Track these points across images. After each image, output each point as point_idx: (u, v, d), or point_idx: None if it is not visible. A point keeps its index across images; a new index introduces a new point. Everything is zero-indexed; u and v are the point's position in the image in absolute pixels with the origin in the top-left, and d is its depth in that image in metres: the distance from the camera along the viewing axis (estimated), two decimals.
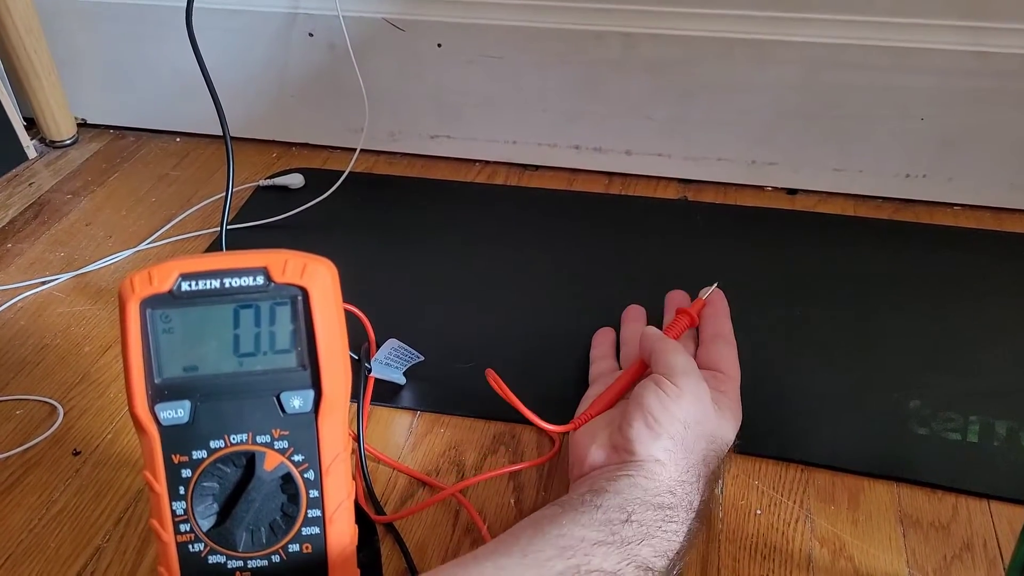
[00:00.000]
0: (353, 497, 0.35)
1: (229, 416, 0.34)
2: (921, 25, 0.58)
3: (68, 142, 0.81)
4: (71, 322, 0.61)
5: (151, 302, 0.33)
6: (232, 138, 0.80)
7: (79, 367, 0.57)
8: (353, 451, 0.49)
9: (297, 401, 0.34)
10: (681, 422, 0.41)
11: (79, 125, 0.83)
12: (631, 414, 0.42)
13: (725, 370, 0.47)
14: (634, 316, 0.56)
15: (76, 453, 0.51)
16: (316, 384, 0.34)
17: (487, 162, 0.76)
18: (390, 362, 0.53)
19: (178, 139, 0.82)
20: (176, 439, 0.34)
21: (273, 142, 0.80)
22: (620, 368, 0.52)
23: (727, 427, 0.44)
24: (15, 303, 0.62)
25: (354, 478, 0.42)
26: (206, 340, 0.33)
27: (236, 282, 0.33)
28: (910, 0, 0.58)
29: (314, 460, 0.34)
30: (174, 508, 0.34)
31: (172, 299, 0.33)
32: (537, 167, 0.74)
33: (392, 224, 0.69)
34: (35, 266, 0.66)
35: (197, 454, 0.34)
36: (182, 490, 0.34)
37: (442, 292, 0.62)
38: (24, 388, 0.55)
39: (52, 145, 0.81)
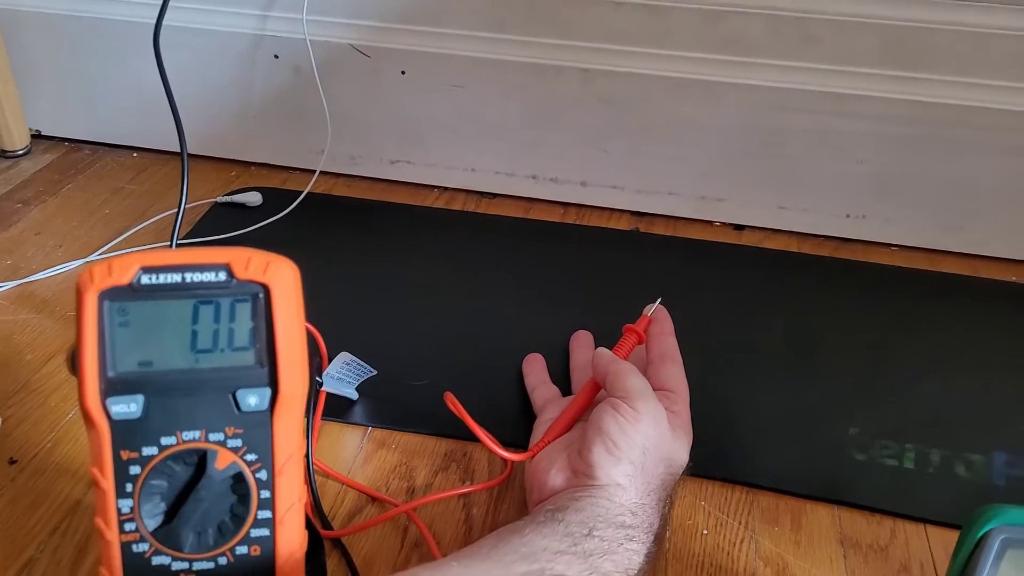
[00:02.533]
0: (304, 500, 0.35)
1: (182, 412, 0.33)
2: (861, 73, 0.62)
3: (21, 152, 0.80)
4: (14, 330, 0.59)
5: (109, 294, 0.33)
6: (191, 155, 0.80)
7: (20, 375, 0.56)
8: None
9: (253, 399, 0.34)
10: (640, 446, 0.42)
11: (33, 136, 0.81)
12: (590, 439, 0.42)
13: (675, 389, 0.48)
14: (583, 342, 0.58)
15: (12, 462, 0.50)
16: (273, 382, 0.34)
17: (446, 188, 0.77)
18: (342, 376, 0.53)
19: (135, 154, 0.81)
20: (126, 434, 0.33)
21: (233, 160, 0.80)
22: (562, 393, 0.53)
23: (681, 449, 0.45)
24: None
25: None
26: (163, 335, 0.33)
27: (198, 277, 0.33)
28: (851, 49, 0.62)
29: (267, 460, 0.34)
30: (120, 506, 0.33)
31: (131, 292, 0.33)
32: (495, 195, 0.76)
33: (349, 245, 0.69)
34: None
35: (147, 451, 0.33)
36: (129, 487, 0.33)
37: (397, 310, 0.62)
38: None
39: (3, 155, 0.79)
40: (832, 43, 0.62)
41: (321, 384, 0.51)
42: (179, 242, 0.68)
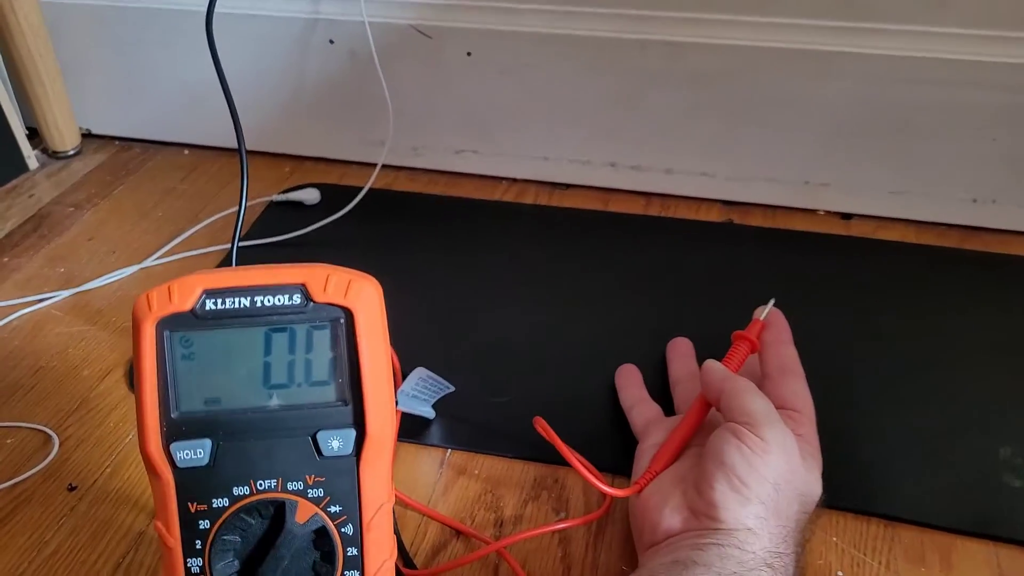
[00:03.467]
0: (395, 556, 0.30)
1: (256, 458, 0.29)
2: (997, 37, 0.54)
3: (71, 153, 0.77)
4: (69, 343, 0.56)
5: (170, 323, 0.28)
6: (248, 152, 0.76)
7: (76, 392, 0.52)
8: None
9: (336, 442, 0.29)
10: (771, 483, 0.36)
11: (83, 136, 0.78)
12: (711, 474, 0.37)
13: (800, 408, 0.42)
14: (682, 351, 0.52)
15: (72, 488, 0.46)
16: (359, 422, 0.29)
17: (515, 179, 0.71)
18: (417, 393, 0.48)
19: (186, 151, 0.77)
20: (194, 484, 0.29)
21: (286, 156, 0.76)
22: (664, 412, 0.47)
23: (815, 480, 0.39)
24: (10, 321, 0.57)
25: None
26: (232, 369, 0.29)
27: (269, 301, 0.28)
28: (984, 10, 0.54)
29: (354, 512, 0.29)
30: (189, 565, 0.29)
31: (194, 319, 0.28)
32: (569, 186, 0.70)
33: (414, 245, 0.64)
34: (32, 282, 0.61)
35: (218, 502, 0.29)
36: (199, 544, 0.29)
37: (470, 319, 0.57)
38: (16, 415, 0.50)
39: (55, 156, 0.76)
40: (965, 3, 0.54)
41: (396, 403, 0.46)
42: (242, 244, 0.64)
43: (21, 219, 0.68)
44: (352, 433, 0.29)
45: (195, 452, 0.28)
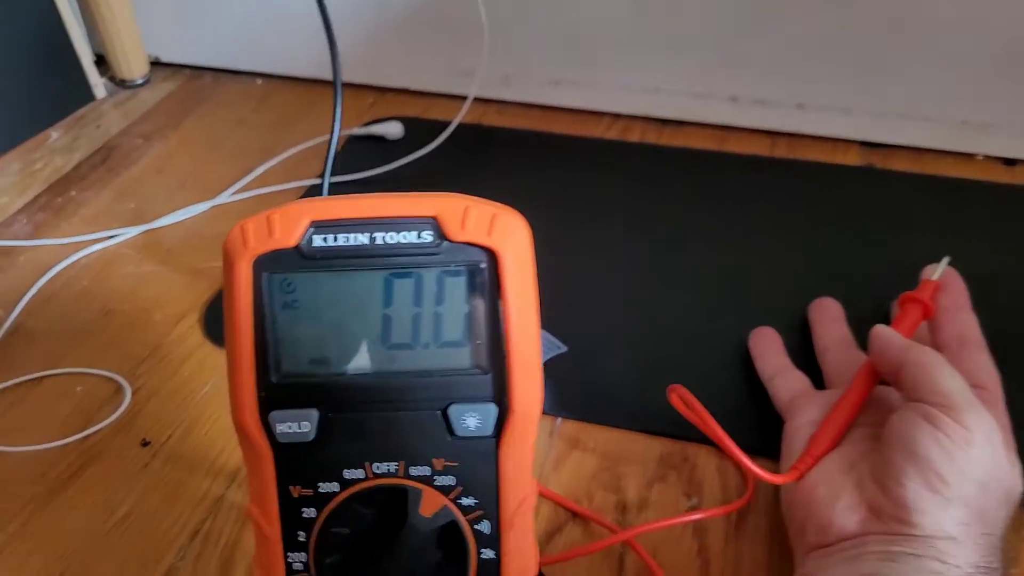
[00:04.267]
0: (538, 560, 0.25)
1: (373, 435, 0.23)
2: None
3: (140, 82, 0.72)
4: (139, 284, 0.51)
5: (270, 262, 0.22)
6: (317, 81, 0.71)
7: (148, 339, 0.48)
8: None
9: (473, 419, 0.23)
10: (976, 481, 0.29)
11: (152, 64, 0.73)
12: (900, 468, 0.30)
13: (987, 385, 0.35)
14: (831, 314, 0.44)
15: (145, 444, 0.42)
16: (501, 396, 0.23)
17: (619, 115, 0.64)
18: None
19: (259, 80, 0.72)
20: (297, 464, 0.23)
21: (367, 86, 0.69)
22: (811, 384, 0.40)
23: (1018, 476, 0.32)
24: (78, 259, 0.53)
25: None
26: (345, 323, 0.23)
27: (392, 238, 0.22)
28: None
29: (491, 507, 0.23)
30: (289, 560, 0.24)
31: (300, 259, 0.22)
32: (682, 123, 0.62)
33: (506, 187, 0.56)
34: (101, 218, 0.57)
35: (326, 486, 0.23)
36: (302, 536, 0.24)
37: (574, 270, 0.50)
38: (86, 360, 0.46)
39: (122, 85, 0.72)
40: None
41: None
42: (314, 182, 0.59)
43: (89, 151, 0.64)
44: (493, 409, 0.23)
45: (299, 425, 0.23)
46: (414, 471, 0.23)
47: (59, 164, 0.62)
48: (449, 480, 0.23)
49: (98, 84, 0.70)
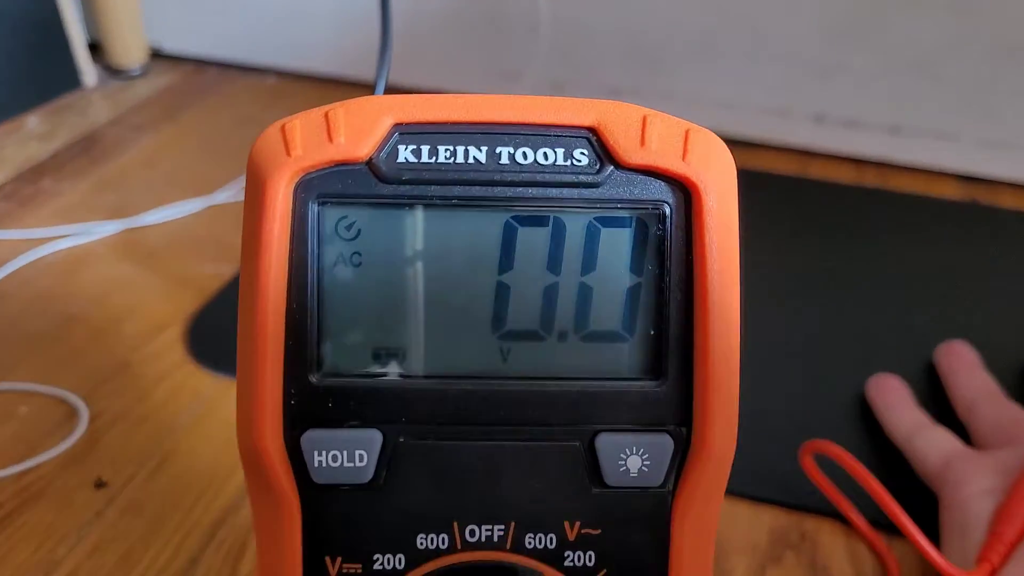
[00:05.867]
0: None
1: (468, 479, 0.14)
2: None
3: (136, 72, 0.64)
4: (112, 289, 0.42)
5: (325, 184, 0.14)
6: (340, 81, 0.63)
7: (116, 354, 0.38)
8: None
9: (636, 459, 0.14)
10: None
11: (153, 54, 0.66)
12: None
13: None
14: (972, 361, 0.36)
15: (100, 485, 0.32)
16: (684, 422, 0.14)
17: None
18: None
19: (273, 77, 0.64)
20: (342, 520, 0.14)
21: (403, 89, 0.61)
22: (963, 442, 0.32)
23: None
24: (42, 256, 0.44)
25: None
26: (437, 294, 0.14)
27: (527, 157, 0.14)
28: None
29: None
30: None
31: (374, 182, 0.14)
32: (758, 145, 0.55)
33: None
34: (74, 211, 0.48)
35: (387, 561, 0.14)
36: None
37: None
38: (36, 374, 0.37)
39: (117, 74, 0.64)
40: None
41: None
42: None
43: (69, 138, 0.56)
44: (668, 443, 0.14)
45: (349, 455, 0.14)
46: (531, 541, 0.14)
47: (33, 151, 0.54)
48: (588, 557, 0.14)
49: (88, 71, 0.62)
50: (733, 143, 0.53)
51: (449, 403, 0.14)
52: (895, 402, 0.35)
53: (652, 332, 0.14)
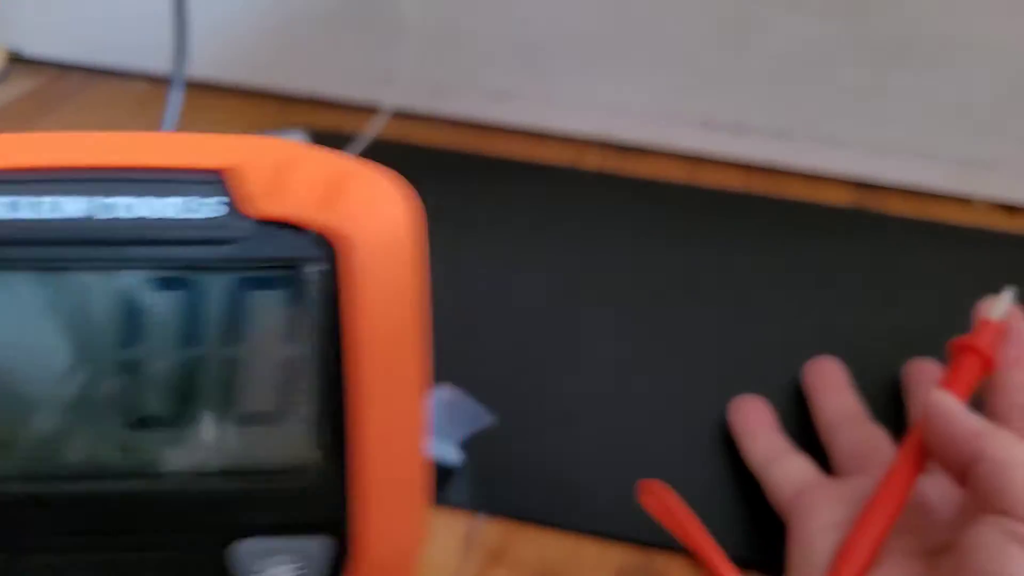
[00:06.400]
0: None
1: None
2: None
3: None
4: None
5: None
6: (217, 87, 0.60)
7: None
8: None
9: (287, 567, 0.12)
10: None
11: (11, 59, 0.61)
12: None
13: None
14: (838, 380, 0.35)
15: None
16: (339, 523, 0.12)
17: (572, 138, 0.54)
18: (439, 427, 0.31)
19: (143, 83, 0.60)
20: None
21: (271, 94, 0.59)
22: (820, 470, 0.30)
23: None
24: None
25: None
26: (29, 373, 0.12)
27: (139, 208, 0.11)
28: None
29: None
30: None
31: None
32: (645, 150, 0.53)
33: (435, 218, 0.47)
34: None
35: None
36: None
37: (512, 318, 0.40)
38: None
39: None
40: None
41: None
42: None
43: None
44: (321, 548, 0.12)
45: None
46: None
47: None
48: None
49: None
50: (622, 149, 0.51)
51: (48, 509, 0.11)
52: (754, 427, 0.33)
53: (302, 415, 0.12)
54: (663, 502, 0.26)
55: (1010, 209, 0.49)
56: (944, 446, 0.25)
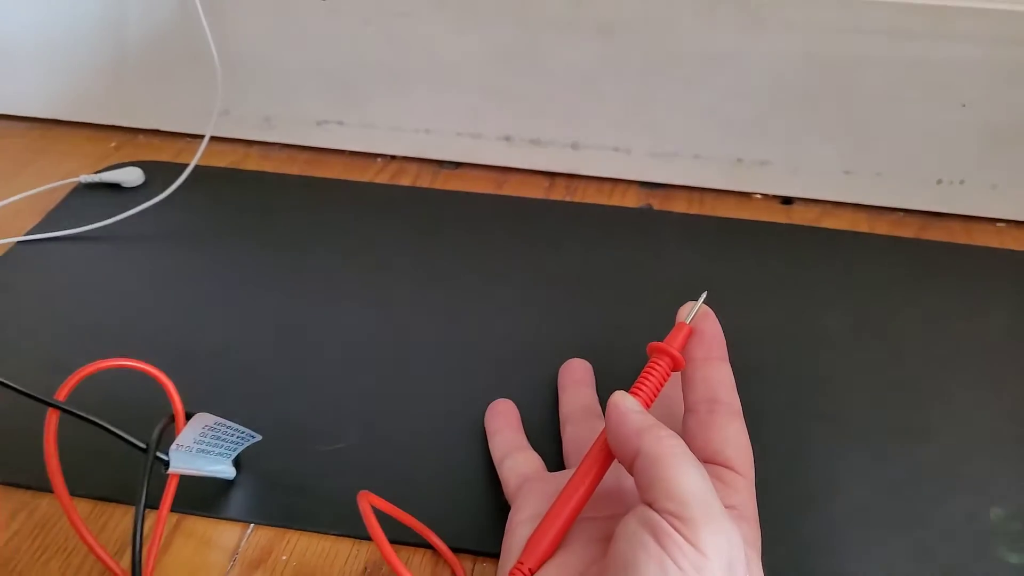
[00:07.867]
0: None
1: None
2: None
3: None
4: None
5: None
6: (57, 121, 0.61)
7: None
8: None
9: None
10: None
11: None
12: None
13: (735, 462, 0.29)
14: (578, 377, 0.39)
15: None
16: None
17: (392, 157, 0.58)
18: (205, 447, 0.34)
19: None
20: None
21: (113, 127, 0.61)
22: (545, 466, 0.35)
23: None
24: None
25: None
26: None
27: None
28: None
29: None
30: None
31: None
32: (457, 164, 0.57)
33: (254, 238, 0.51)
34: None
35: None
36: None
37: (305, 339, 0.43)
38: None
39: None
40: None
41: (167, 465, 0.33)
42: (24, 238, 0.50)
43: None
44: None
45: None
46: None
47: None
48: None
49: None
50: (436, 164, 0.55)
51: None
52: (500, 426, 0.37)
53: None
54: (379, 505, 0.30)
55: (786, 201, 0.54)
56: (618, 443, 0.28)
